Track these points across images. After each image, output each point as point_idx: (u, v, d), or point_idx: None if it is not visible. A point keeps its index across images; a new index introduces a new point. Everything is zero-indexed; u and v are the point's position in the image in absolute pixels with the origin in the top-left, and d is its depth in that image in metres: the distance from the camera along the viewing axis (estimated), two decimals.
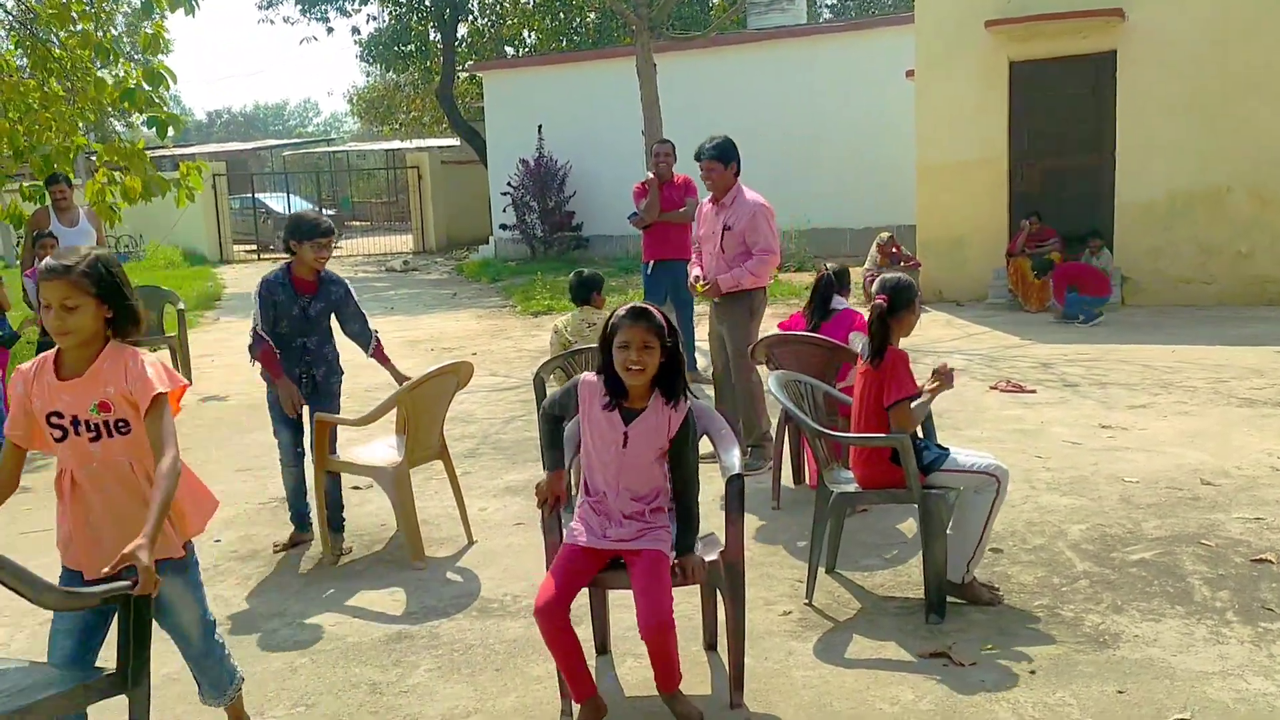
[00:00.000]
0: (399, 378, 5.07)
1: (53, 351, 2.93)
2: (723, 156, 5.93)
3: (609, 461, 3.32)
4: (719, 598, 3.61)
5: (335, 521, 5.07)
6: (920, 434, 4.18)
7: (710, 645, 3.84)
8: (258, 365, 4.93)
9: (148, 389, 2.82)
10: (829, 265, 5.90)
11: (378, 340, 5.16)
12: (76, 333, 2.81)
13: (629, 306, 3.27)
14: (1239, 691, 3.32)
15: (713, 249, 6.01)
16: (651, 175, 8.64)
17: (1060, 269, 10.94)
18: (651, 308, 3.27)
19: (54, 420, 2.88)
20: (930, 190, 12.58)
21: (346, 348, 5.16)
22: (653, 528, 3.33)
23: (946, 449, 4.14)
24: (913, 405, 4.01)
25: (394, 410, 4.98)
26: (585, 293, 6.10)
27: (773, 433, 5.82)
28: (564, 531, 3.47)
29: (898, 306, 4.14)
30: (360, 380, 9.00)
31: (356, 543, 5.16)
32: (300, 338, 4.92)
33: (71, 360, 2.87)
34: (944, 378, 4.10)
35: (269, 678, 3.79)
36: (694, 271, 6.21)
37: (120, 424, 2.88)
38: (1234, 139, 11.04)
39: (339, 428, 5.12)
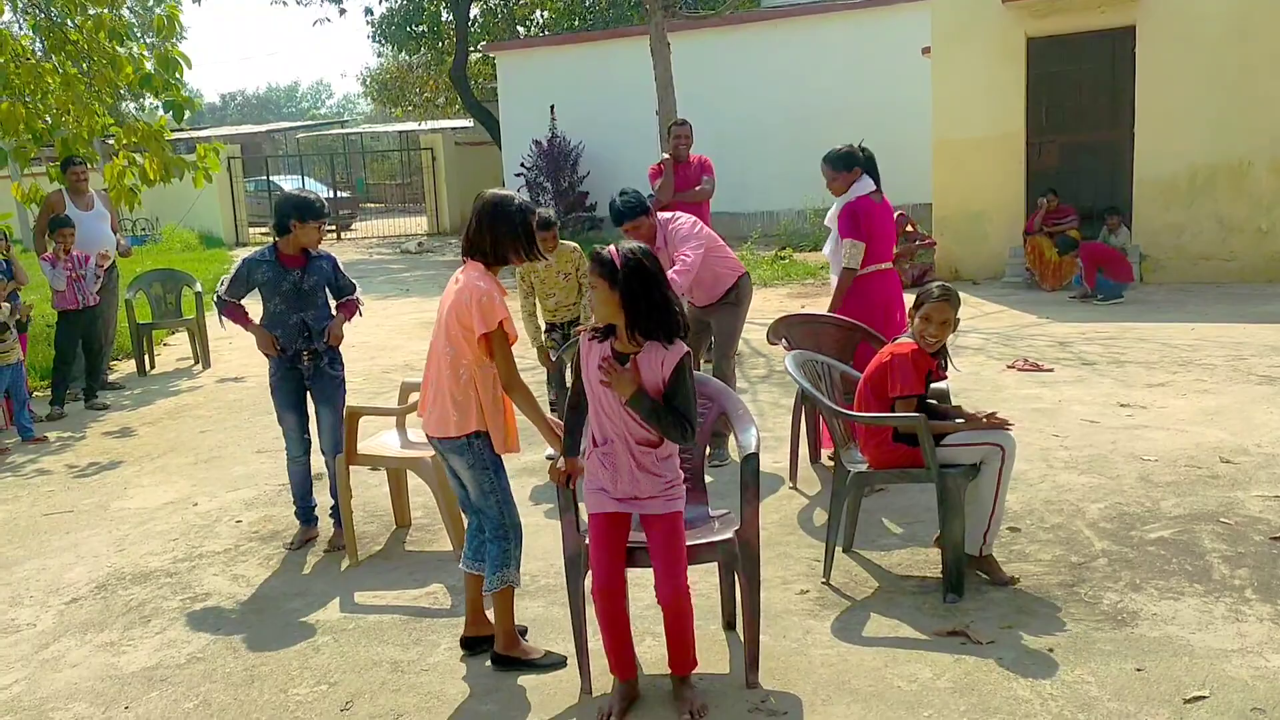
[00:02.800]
0: (336, 331, 4.92)
1: None
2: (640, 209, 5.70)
3: (613, 410, 3.23)
4: (736, 578, 3.62)
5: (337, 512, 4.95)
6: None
7: (729, 625, 3.86)
8: (228, 325, 4.92)
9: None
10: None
11: (356, 301, 5.06)
12: None
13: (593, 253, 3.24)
14: (1258, 669, 3.32)
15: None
16: (667, 156, 8.59)
17: (1087, 250, 10.84)
18: (608, 251, 3.17)
19: None
20: (947, 167, 12.51)
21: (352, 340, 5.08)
22: (668, 483, 3.26)
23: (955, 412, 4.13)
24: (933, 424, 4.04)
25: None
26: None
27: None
28: (578, 505, 3.48)
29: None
30: (377, 361, 9.05)
31: (376, 524, 5.20)
32: (297, 313, 4.79)
33: None
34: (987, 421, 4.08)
35: (292, 656, 3.83)
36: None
37: None
38: (1254, 113, 10.92)
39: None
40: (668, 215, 5.88)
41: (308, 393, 4.93)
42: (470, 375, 3.52)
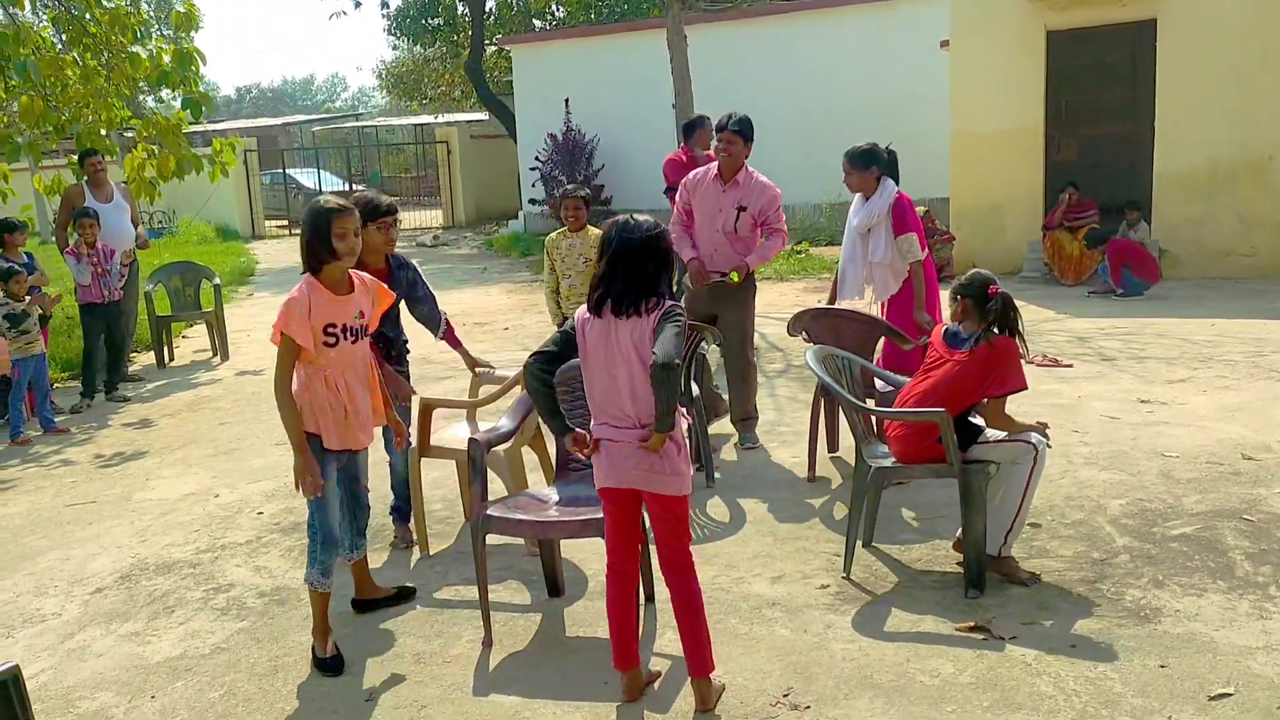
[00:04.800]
0: (470, 361, 4.93)
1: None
2: (745, 133, 5.73)
3: (628, 385, 3.21)
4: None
5: (403, 511, 4.90)
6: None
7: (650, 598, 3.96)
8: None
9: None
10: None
11: (447, 322, 4.88)
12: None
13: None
14: None
15: (716, 226, 5.79)
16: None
17: (1115, 246, 10.76)
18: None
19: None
20: (965, 161, 12.45)
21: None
22: (666, 457, 3.21)
23: (980, 425, 4.12)
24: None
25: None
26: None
27: (758, 415, 6.06)
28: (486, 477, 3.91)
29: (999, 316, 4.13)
30: (429, 354, 9.07)
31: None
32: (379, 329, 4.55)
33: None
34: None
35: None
36: (691, 253, 5.87)
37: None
38: (1276, 107, 10.82)
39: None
40: (762, 176, 5.88)
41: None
42: (300, 375, 3.67)
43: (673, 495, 3.24)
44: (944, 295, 4.61)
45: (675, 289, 3.44)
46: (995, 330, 4.04)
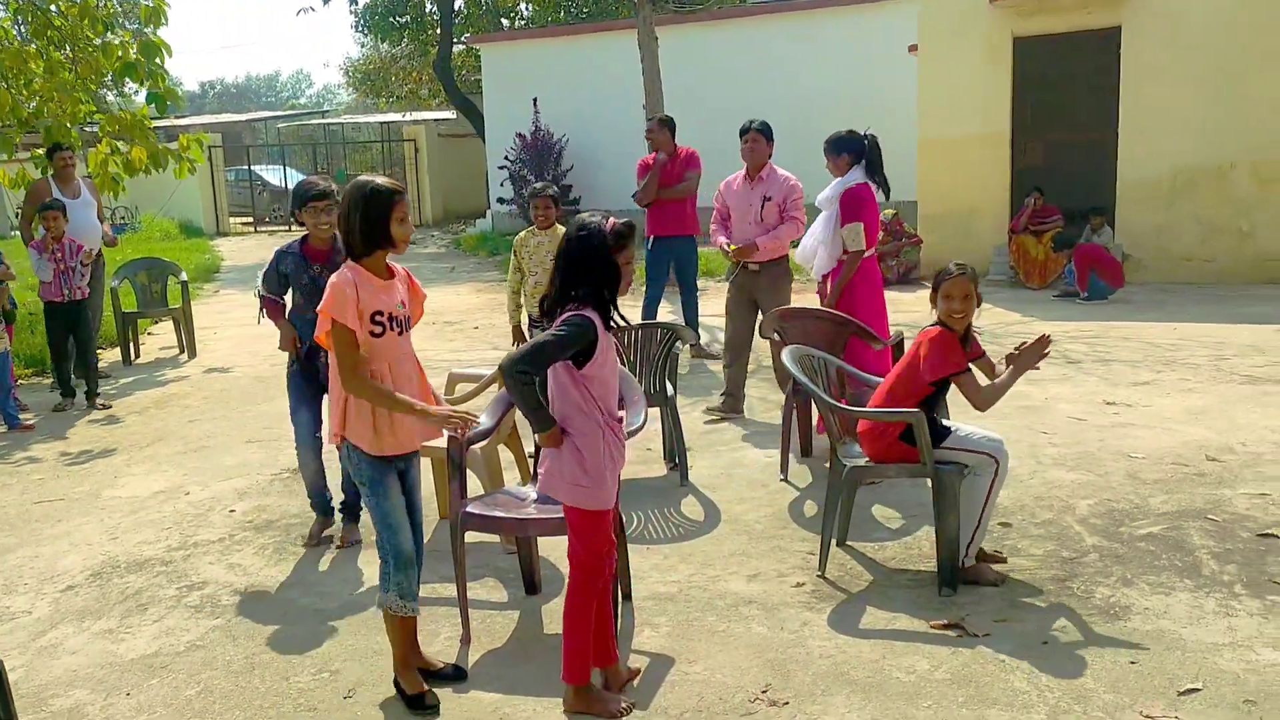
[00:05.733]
0: None
1: None
2: (767, 133, 6.55)
3: (614, 380, 3.25)
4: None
5: (352, 510, 4.88)
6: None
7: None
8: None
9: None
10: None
11: None
12: None
13: (624, 223, 3.17)
14: (1249, 662, 3.38)
15: (749, 220, 6.50)
16: (660, 154, 8.52)
17: (1082, 251, 10.92)
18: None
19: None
20: (932, 166, 12.59)
21: None
22: (557, 460, 3.21)
23: (949, 427, 4.17)
24: (995, 384, 4.13)
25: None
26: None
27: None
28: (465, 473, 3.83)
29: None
30: None
31: None
32: (314, 308, 4.72)
33: None
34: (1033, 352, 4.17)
35: (292, 645, 3.84)
36: (721, 239, 6.66)
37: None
38: (1237, 116, 11.04)
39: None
40: (785, 171, 6.56)
41: (324, 391, 4.73)
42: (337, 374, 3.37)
43: (564, 502, 3.23)
44: (914, 297, 4.66)
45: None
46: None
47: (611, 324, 3.20)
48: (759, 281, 6.54)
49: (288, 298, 4.81)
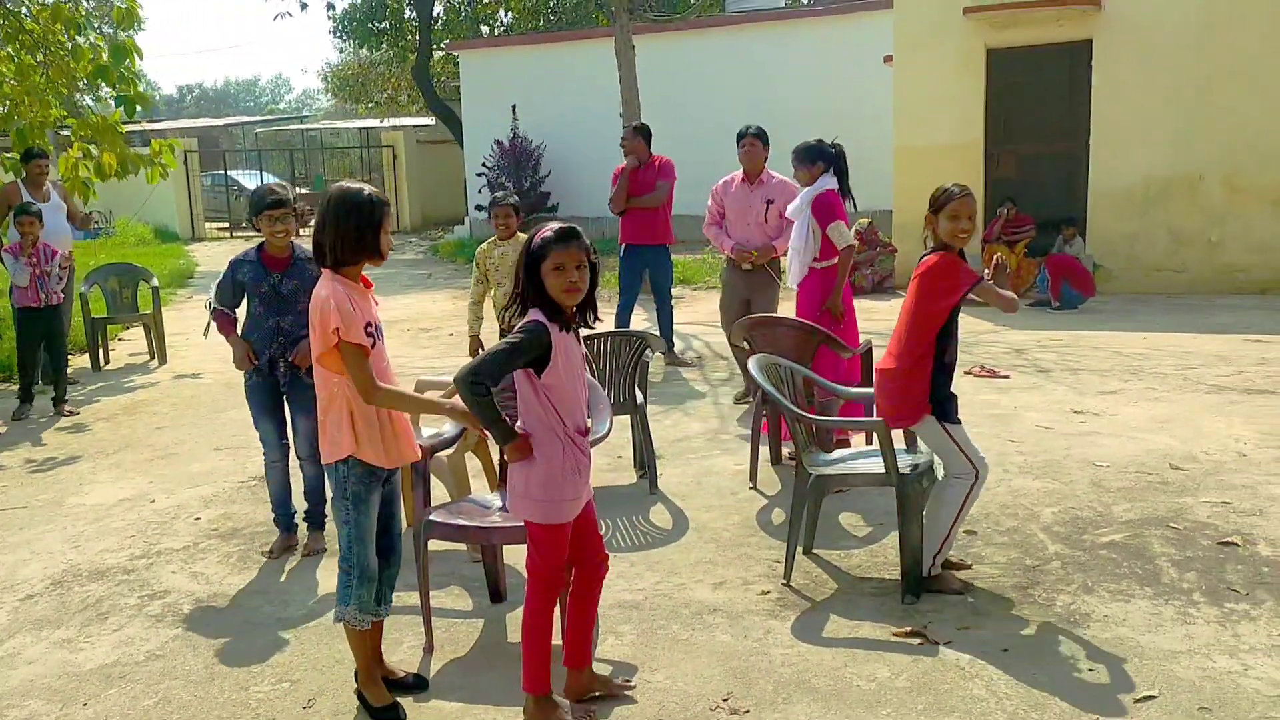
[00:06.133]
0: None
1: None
2: (763, 138, 6.97)
3: (580, 390, 3.21)
4: None
5: (317, 518, 4.85)
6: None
7: None
8: (213, 331, 4.78)
9: None
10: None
11: None
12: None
13: (555, 229, 3.11)
14: (1204, 670, 3.41)
15: (750, 222, 6.95)
16: (628, 162, 8.56)
17: (1054, 261, 11.02)
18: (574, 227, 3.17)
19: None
20: (907, 174, 12.65)
21: None
22: (515, 471, 3.20)
23: (955, 397, 4.08)
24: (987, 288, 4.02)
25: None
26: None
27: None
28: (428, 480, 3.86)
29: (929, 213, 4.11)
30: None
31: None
32: (273, 317, 4.64)
33: None
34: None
35: (252, 654, 3.81)
36: (727, 242, 7.05)
37: None
38: (1207, 128, 11.17)
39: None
40: (782, 176, 6.94)
41: (284, 398, 4.76)
42: (341, 392, 3.27)
43: (528, 520, 3.22)
44: (889, 305, 4.68)
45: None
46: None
47: (574, 330, 3.19)
48: (752, 280, 6.94)
49: (241, 310, 4.76)
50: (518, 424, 3.17)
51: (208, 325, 4.82)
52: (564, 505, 3.17)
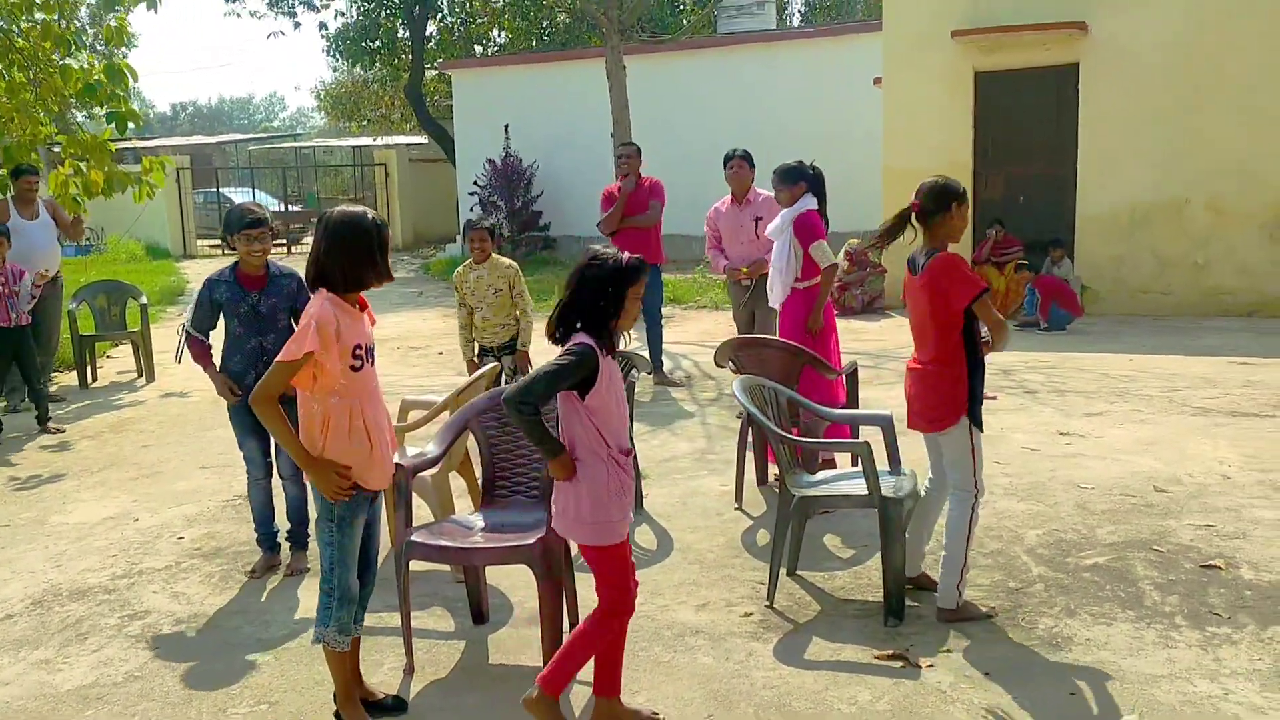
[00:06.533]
0: None
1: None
2: (749, 159, 7.37)
3: (622, 412, 3.26)
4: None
5: (300, 537, 4.82)
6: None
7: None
8: (186, 360, 4.74)
9: None
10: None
11: None
12: None
13: (632, 257, 3.15)
14: (1185, 694, 3.42)
15: (742, 240, 7.32)
16: (621, 180, 8.61)
17: (1043, 283, 11.06)
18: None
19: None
20: (897, 195, 12.54)
21: None
22: (576, 499, 3.21)
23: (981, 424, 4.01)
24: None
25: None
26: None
27: None
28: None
29: (932, 210, 3.99)
30: None
31: None
32: (255, 337, 4.62)
33: None
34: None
35: (232, 675, 3.79)
36: (723, 262, 7.43)
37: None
38: (1193, 151, 11.25)
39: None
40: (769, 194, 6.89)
41: None
42: (320, 410, 3.25)
43: (581, 543, 3.24)
44: (878, 326, 4.69)
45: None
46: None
47: (612, 353, 3.20)
48: (754, 294, 7.24)
49: (218, 331, 4.72)
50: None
51: (179, 349, 4.77)
52: (614, 525, 3.19)
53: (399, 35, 26.51)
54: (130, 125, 9.00)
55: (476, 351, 6.29)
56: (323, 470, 3.23)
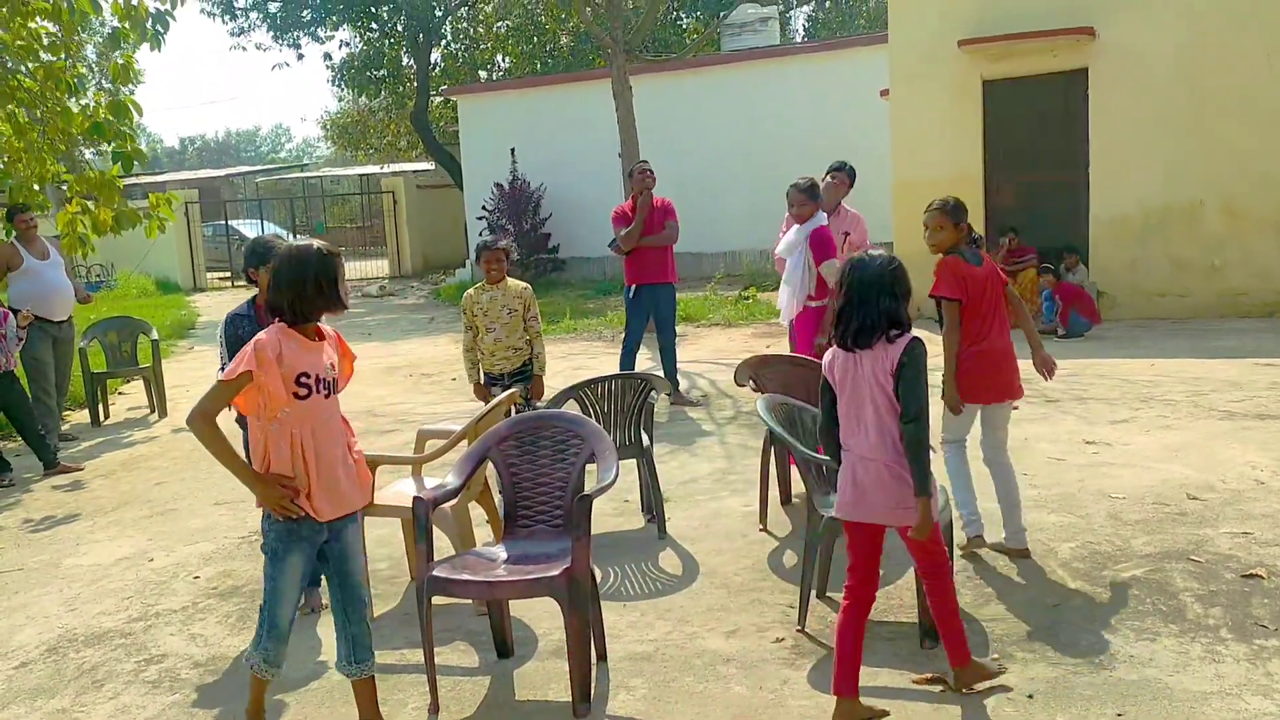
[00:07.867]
0: None
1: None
2: (852, 174, 7.15)
3: (865, 414, 3.47)
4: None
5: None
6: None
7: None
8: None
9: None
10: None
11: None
12: None
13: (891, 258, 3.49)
14: (1238, 711, 3.29)
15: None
16: (635, 196, 8.52)
17: (1063, 290, 10.95)
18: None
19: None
20: (907, 207, 12.59)
21: None
22: (908, 489, 3.43)
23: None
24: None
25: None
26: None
27: None
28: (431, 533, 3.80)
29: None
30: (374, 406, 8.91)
31: None
32: None
33: None
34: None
35: None
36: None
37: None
38: (1205, 154, 11.14)
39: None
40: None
41: None
42: (260, 435, 3.26)
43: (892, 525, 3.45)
44: None
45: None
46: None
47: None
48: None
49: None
50: None
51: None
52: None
53: (403, 63, 26.63)
54: (135, 164, 8.99)
55: (483, 379, 6.16)
56: (264, 485, 3.24)
